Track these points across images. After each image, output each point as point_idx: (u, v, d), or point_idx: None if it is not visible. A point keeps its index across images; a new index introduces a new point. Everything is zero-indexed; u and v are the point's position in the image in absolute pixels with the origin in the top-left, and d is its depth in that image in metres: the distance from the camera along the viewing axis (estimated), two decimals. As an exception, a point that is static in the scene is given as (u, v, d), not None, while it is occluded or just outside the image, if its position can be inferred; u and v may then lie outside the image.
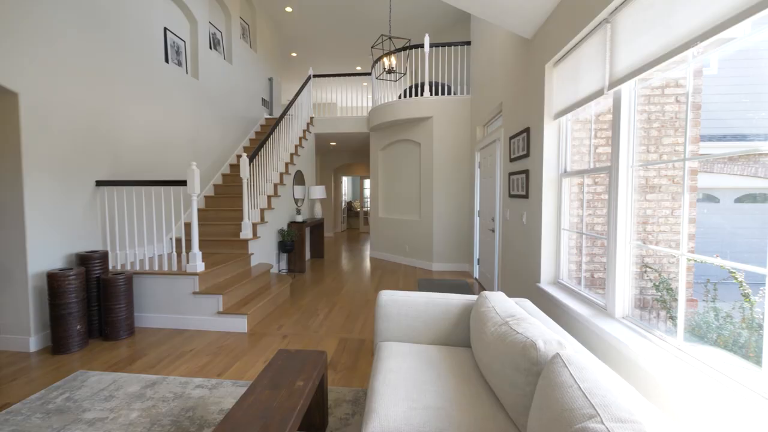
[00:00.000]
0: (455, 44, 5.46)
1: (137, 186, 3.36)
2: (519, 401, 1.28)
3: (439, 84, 5.72)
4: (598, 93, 2.01)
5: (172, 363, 2.59)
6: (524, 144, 3.00)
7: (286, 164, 5.54)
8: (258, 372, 2.45)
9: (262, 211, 4.65)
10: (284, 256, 5.47)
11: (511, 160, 3.37)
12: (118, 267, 3.41)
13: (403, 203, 6.30)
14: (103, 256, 3.12)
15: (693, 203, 2.04)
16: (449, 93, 5.80)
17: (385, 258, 6.60)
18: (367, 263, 6.29)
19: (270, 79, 7.48)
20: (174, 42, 4.59)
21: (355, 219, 12.74)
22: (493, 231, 4.11)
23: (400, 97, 6.06)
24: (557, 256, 2.63)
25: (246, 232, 4.14)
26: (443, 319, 2.02)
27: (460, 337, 2.00)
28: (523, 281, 3.10)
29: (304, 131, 6.45)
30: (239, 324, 3.20)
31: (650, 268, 2.21)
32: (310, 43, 8.07)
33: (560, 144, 2.60)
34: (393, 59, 4.80)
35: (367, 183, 12.21)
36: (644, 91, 2.22)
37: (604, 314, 1.98)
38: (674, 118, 2.16)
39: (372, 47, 4.84)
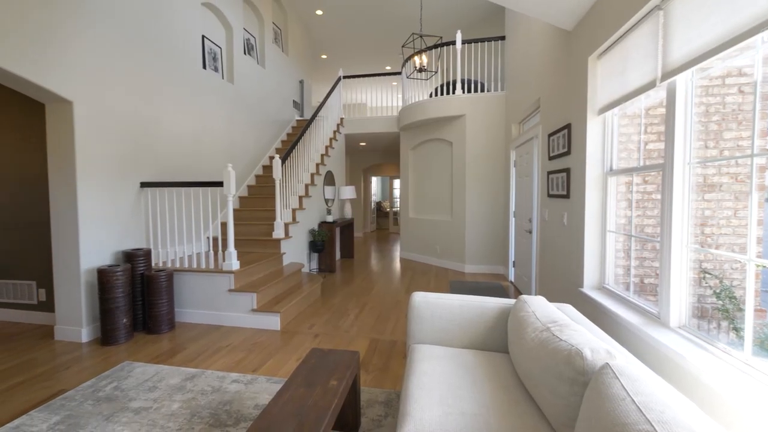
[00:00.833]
0: (488, 40, 5.31)
1: (177, 187, 3.51)
2: (563, 411, 1.21)
3: (472, 81, 5.59)
4: (650, 85, 1.87)
5: (209, 357, 2.67)
6: (565, 141, 2.86)
7: (317, 165, 5.62)
8: (291, 369, 2.47)
9: (293, 211, 4.73)
10: (315, 255, 5.54)
11: (550, 158, 3.22)
12: (160, 264, 3.57)
13: (434, 203, 6.21)
14: (147, 254, 3.28)
15: (761, 203, 1.85)
16: (482, 90, 5.66)
17: (416, 259, 6.54)
18: (397, 264, 6.26)
19: (301, 82, 7.63)
20: (211, 49, 4.77)
21: (384, 219, 12.75)
22: (530, 232, 3.95)
23: (430, 96, 5.98)
24: (602, 259, 2.48)
25: (278, 232, 4.23)
26: (479, 322, 1.95)
27: (497, 342, 1.93)
28: (563, 286, 2.95)
29: (334, 132, 6.52)
30: (272, 322, 3.26)
31: (709, 274, 2.02)
32: (340, 44, 8.16)
33: (605, 140, 2.45)
34: (424, 57, 4.74)
35: (396, 183, 12.18)
36: (702, 81, 2.04)
37: (657, 323, 1.84)
38: (737, 110, 1.97)
39: (403, 46, 4.80)
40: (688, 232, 1.73)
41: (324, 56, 8.80)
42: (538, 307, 1.68)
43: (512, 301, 1.98)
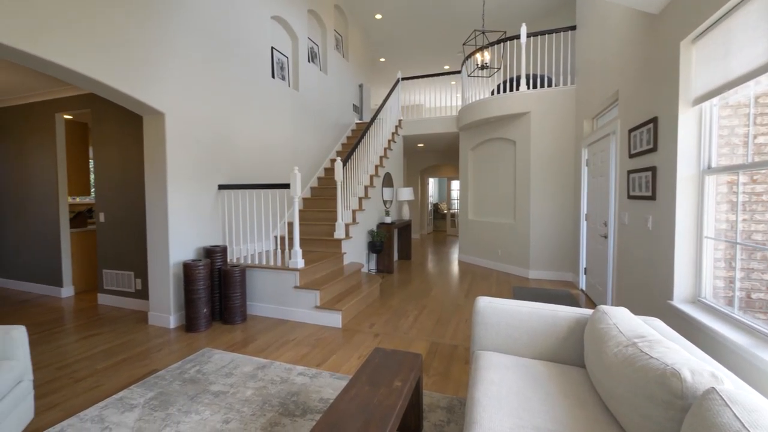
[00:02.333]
0: (557, 31, 4.99)
1: (249, 189, 3.78)
2: (655, 437, 1.08)
3: (537, 76, 5.29)
4: (762, 69, 1.61)
5: (277, 349, 2.83)
6: (650, 136, 2.58)
7: (376, 167, 5.70)
8: (352, 367, 2.53)
9: (353, 212, 4.85)
10: (373, 256, 5.63)
11: (631, 155, 2.93)
12: (234, 260, 3.87)
13: (496, 205, 5.98)
14: (223, 250, 3.58)
15: None
16: (549, 85, 5.33)
17: (475, 262, 6.35)
18: (456, 267, 6.13)
19: (360, 86, 7.81)
20: (279, 59, 5.09)
21: (441, 221, 12.58)
22: (606, 237, 3.63)
23: (492, 94, 5.77)
24: (697, 269, 2.19)
25: (339, 232, 4.36)
26: (550, 332, 1.83)
27: (571, 354, 1.79)
28: (648, 297, 2.66)
29: (392, 134, 6.58)
30: (334, 319, 3.37)
31: None
32: (398, 47, 8.22)
33: (701, 134, 2.16)
34: (486, 54, 4.59)
35: (454, 184, 11.94)
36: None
37: (771, 345, 1.57)
38: None
39: (464, 44, 4.70)
40: (816, 240, 1.46)
41: (382, 59, 8.93)
42: (621, 319, 1.53)
43: (589, 311, 1.83)
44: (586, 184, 4.50)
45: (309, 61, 5.76)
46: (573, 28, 4.98)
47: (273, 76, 4.89)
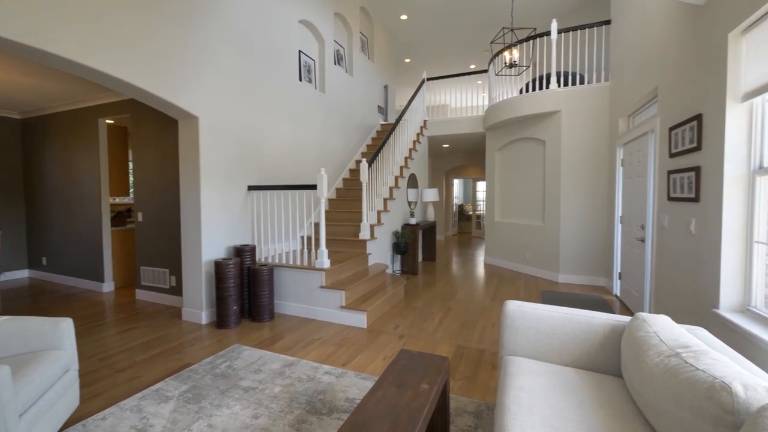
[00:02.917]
0: (590, 26, 4.81)
1: (278, 190, 3.86)
2: (702, 455, 1.01)
3: (569, 74, 5.12)
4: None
5: (304, 348, 2.87)
6: (693, 134, 2.43)
7: (401, 168, 5.70)
8: (378, 368, 2.53)
9: (378, 213, 4.86)
10: (398, 257, 5.62)
11: (672, 155, 2.77)
12: (262, 259, 3.97)
13: (524, 206, 5.83)
14: (252, 250, 3.67)
15: None
16: (581, 82, 5.15)
17: (502, 265, 6.22)
18: (481, 269, 6.02)
19: (385, 87, 7.83)
20: (306, 62, 5.18)
21: (466, 222, 12.41)
22: (643, 241, 3.46)
23: (521, 92, 5.64)
24: (746, 276, 2.05)
25: (364, 233, 4.39)
26: (583, 339, 1.76)
27: (606, 362, 1.71)
28: (690, 305, 2.51)
29: (417, 135, 6.55)
30: (359, 319, 3.38)
31: None
32: (423, 47, 8.19)
33: (752, 132, 2.02)
34: (515, 52, 4.49)
35: (480, 185, 11.75)
36: None
37: (834, 360, 1.45)
38: None
39: (491, 42, 4.61)
40: None
41: (407, 60, 8.92)
42: (663, 328, 1.45)
43: (626, 318, 1.75)
44: (620, 185, 4.31)
45: (335, 63, 5.83)
46: (607, 22, 4.79)
47: (300, 79, 4.98)
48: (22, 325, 1.85)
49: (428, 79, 7.19)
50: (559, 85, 5.06)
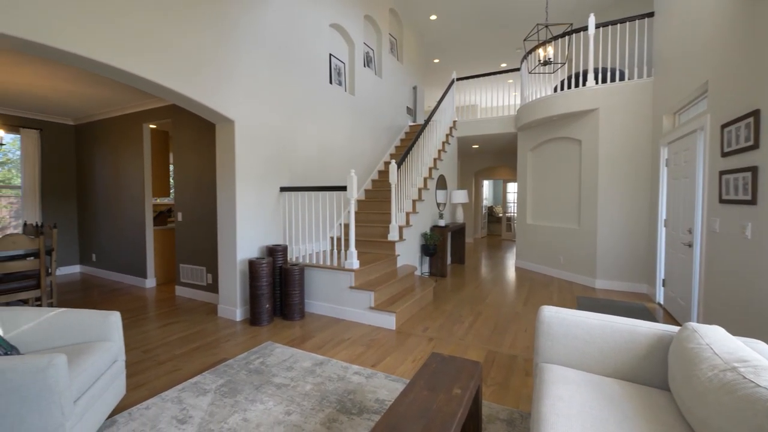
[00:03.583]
0: (630, 19, 4.58)
1: (309, 191, 3.93)
2: (766, 481, 0.93)
3: (607, 70, 4.90)
4: None
5: (334, 347, 2.91)
6: (749, 132, 2.25)
7: (430, 169, 5.65)
8: (407, 370, 2.52)
9: (407, 214, 4.85)
10: (426, 259, 5.58)
11: (725, 154, 2.58)
12: (293, 259, 4.06)
13: (558, 209, 5.63)
14: (284, 250, 3.76)
15: None
16: (621, 79, 4.91)
17: (534, 269, 6.03)
18: (512, 273, 5.86)
19: (414, 88, 7.81)
20: (336, 65, 5.25)
21: (496, 225, 12.13)
22: (691, 246, 3.24)
23: (555, 90, 5.45)
24: (813, 285, 1.87)
25: (393, 234, 4.38)
26: (626, 349, 1.67)
27: (651, 374, 1.62)
28: (745, 316, 2.33)
29: (447, 135, 6.48)
30: (388, 321, 3.38)
31: None
32: (452, 47, 8.10)
33: (820, 127, 1.85)
34: (549, 49, 4.34)
35: (510, 186, 11.46)
36: None
37: None
38: None
39: (524, 40, 4.48)
40: None
41: (436, 60, 8.85)
42: (717, 339, 1.35)
43: (674, 328, 1.64)
44: (665, 187, 4.07)
45: (364, 65, 5.88)
46: (650, 14, 4.54)
47: (330, 82, 5.06)
48: (76, 317, 1.99)
49: (458, 79, 7.10)
50: (596, 82, 4.84)
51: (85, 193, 5.86)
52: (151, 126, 5.15)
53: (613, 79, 4.90)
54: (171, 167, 5.78)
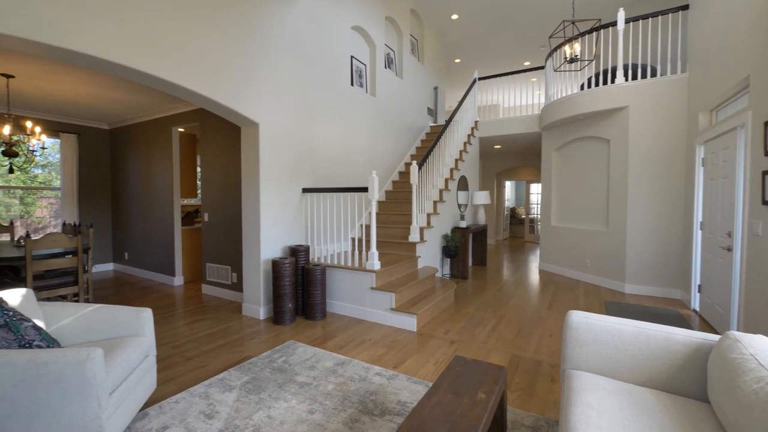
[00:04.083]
0: (663, 13, 4.39)
1: (331, 192, 3.97)
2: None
3: (637, 66, 4.71)
4: None
5: (355, 348, 2.92)
6: (797, 128, 2.12)
7: (451, 170, 5.60)
8: (428, 372, 2.50)
9: (428, 215, 4.82)
10: (447, 261, 5.52)
11: (768, 152, 2.44)
12: (315, 260, 4.10)
13: (584, 210, 5.45)
14: (306, 250, 3.81)
15: None
16: (652, 75, 4.71)
17: (558, 272, 5.86)
18: (536, 276, 5.73)
19: (435, 88, 7.76)
20: (357, 67, 5.29)
21: (518, 226, 11.89)
22: (730, 250, 3.07)
23: (582, 88, 5.29)
24: None
25: (414, 236, 4.37)
26: (660, 357, 1.59)
27: (688, 385, 1.54)
28: (788, 323, 2.18)
29: (468, 136, 6.41)
30: (409, 322, 3.37)
31: None
32: (474, 46, 8.00)
33: None
34: (576, 45, 4.22)
35: (534, 187, 11.20)
36: None
37: None
38: None
39: (550, 37, 4.37)
40: None
41: (457, 60, 8.77)
42: (762, 350, 1.27)
43: (713, 336, 1.56)
44: (701, 188, 3.87)
45: (385, 67, 5.89)
46: (684, 8, 4.34)
47: (352, 84, 5.09)
48: (111, 312, 2.08)
49: (480, 79, 7.01)
50: (626, 79, 4.67)
51: (119, 194, 6.14)
52: (180, 129, 5.33)
53: (644, 76, 4.71)
54: (198, 169, 5.97)
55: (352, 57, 5.13)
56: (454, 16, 6.83)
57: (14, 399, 1.40)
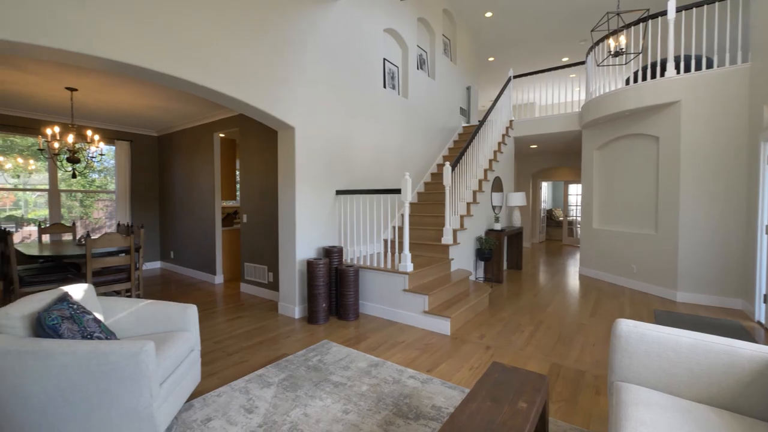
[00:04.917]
0: None
1: (364, 194, 4.01)
2: None
3: (690, 57, 4.39)
4: None
5: (388, 350, 2.91)
6: None
7: (485, 171, 5.48)
8: (464, 378, 2.45)
9: (461, 217, 4.74)
10: (481, 264, 5.40)
11: None
12: (348, 261, 4.15)
13: (630, 212, 5.15)
14: (340, 251, 3.85)
15: None
16: (708, 67, 4.37)
17: (600, 277, 5.57)
18: (575, 281, 5.47)
19: (468, 88, 7.63)
20: (390, 69, 5.30)
21: (556, 229, 11.42)
22: (800, 255, 2.78)
23: (627, 83, 5.01)
24: None
25: (447, 238, 4.30)
26: (723, 372, 1.47)
27: (756, 404, 1.41)
28: None
29: (503, 136, 6.24)
30: (443, 326, 3.32)
31: None
32: (509, 43, 7.79)
33: None
34: (621, 38, 4.00)
35: (572, 188, 10.72)
36: None
37: None
38: None
39: (592, 30, 4.16)
40: None
41: (491, 59, 8.57)
42: None
43: (787, 351, 1.41)
44: (766, 187, 3.54)
45: (418, 68, 5.87)
46: (745, -8, 4.00)
47: (384, 86, 5.12)
48: (160, 308, 2.21)
49: (515, 77, 6.81)
50: (678, 72, 4.36)
51: (165, 196, 6.52)
52: (221, 135, 5.59)
53: (698, 68, 4.39)
54: (237, 173, 6.23)
55: (384, 59, 5.15)
56: (488, 14, 6.69)
57: (79, 386, 1.52)
